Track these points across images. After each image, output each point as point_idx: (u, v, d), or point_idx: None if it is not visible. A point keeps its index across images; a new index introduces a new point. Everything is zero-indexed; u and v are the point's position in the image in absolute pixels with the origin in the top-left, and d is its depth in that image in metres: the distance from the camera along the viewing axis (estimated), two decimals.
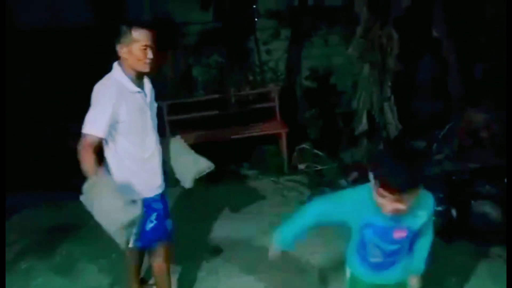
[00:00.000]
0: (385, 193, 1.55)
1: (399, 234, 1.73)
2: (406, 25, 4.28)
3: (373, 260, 1.83)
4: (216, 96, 5.19)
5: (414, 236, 1.80)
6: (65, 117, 4.87)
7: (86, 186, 2.01)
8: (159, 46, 2.23)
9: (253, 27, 5.49)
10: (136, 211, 2.00)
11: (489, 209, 3.24)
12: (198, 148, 2.60)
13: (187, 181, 2.44)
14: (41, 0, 5.03)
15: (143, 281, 2.79)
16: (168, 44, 5.07)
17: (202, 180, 4.22)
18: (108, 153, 2.19)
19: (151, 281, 2.79)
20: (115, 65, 2.19)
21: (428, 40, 4.69)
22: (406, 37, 4.26)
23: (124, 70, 2.16)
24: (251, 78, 5.59)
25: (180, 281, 2.85)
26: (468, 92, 4.49)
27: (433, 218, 1.83)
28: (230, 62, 5.44)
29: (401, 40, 4.23)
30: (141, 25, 2.15)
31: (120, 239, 2.07)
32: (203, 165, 2.49)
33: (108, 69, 2.21)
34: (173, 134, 4.51)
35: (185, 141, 2.60)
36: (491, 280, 2.74)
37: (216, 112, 5.02)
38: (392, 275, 1.87)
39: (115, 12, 5.09)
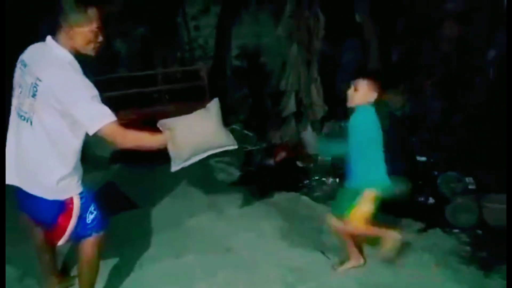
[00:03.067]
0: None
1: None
2: (331, 7, 4.37)
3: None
4: (142, 73, 4.93)
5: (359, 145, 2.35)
6: None
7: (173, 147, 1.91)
8: None
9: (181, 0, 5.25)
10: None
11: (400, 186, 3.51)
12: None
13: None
14: None
15: (64, 273, 2.61)
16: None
17: (127, 163, 4.13)
18: (63, 148, 1.94)
19: (73, 273, 2.62)
20: (58, 46, 1.90)
21: (352, 23, 4.86)
22: (331, 20, 4.36)
23: (68, 51, 1.91)
24: (179, 55, 5.39)
25: (103, 271, 2.69)
26: (385, 74, 4.75)
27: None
28: (156, 37, 5.17)
29: (327, 23, 4.32)
30: (93, 2, 1.90)
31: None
32: None
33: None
34: None
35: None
36: None
37: (143, 90, 4.77)
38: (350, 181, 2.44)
39: None
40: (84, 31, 1.90)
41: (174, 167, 2.00)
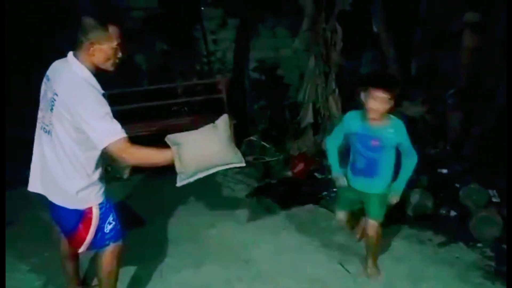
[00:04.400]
0: (378, 94, 2.32)
1: (374, 143, 2.45)
2: (349, 19, 4.39)
3: (358, 165, 2.56)
4: (162, 86, 5.02)
5: (386, 151, 2.46)
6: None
7: (179, 163, 1.92)
8: None
9: (199, 15, 5.36)
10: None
11: (422, 198, 3.46)
12: (141, 140, 2.49)
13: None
14: None
15: (84, 283, 2.66)
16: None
17: (148, 173, 4.20)
18: (82, 160, 2.00)
19: (94, 283, 2.67)
20: (77, 62, 1.96)
21: (369, 34, 4.86)
22: (349, 32, 4.38)
23: (86, 67, 1.97)
24: (198, 68, 5.48)
25: (124, 281, 2.73)
26: (404, 86, 4.72)
27: (408, 142, 2.44)
28: (175, 51, 5.28)
29: (344, 34, 4.34)
30: (113, 20, 1.97)
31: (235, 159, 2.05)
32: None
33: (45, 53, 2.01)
34: None
35: (128, 132, 2.48)
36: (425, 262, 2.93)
37: (162, 102, 4.86)
38: (372, 185, 2.56)
39: None
40: (104, 48, 1.95)
41: (180, 182, 1.96)
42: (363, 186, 2.61)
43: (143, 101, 4.75)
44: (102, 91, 1.99)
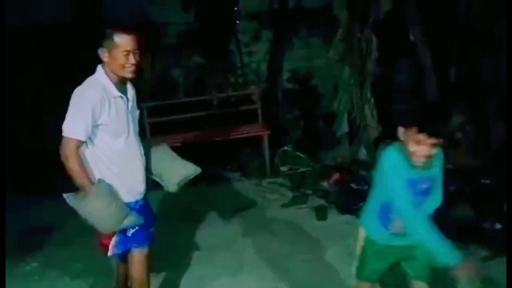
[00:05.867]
0: (422, 138, 1.80)
1: (424, 186, 1.94)
2: (384, 28, 4.35)
3: (392, 231, 1.97)
4: (198, 98, 5.16)
5: (435, 190, 1.97)
6: (42, 115, 4.76)
7: (78, 196, 2.04)
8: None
9: (234, 28, 5.48)
10: (130, 219, 2.10)
11: (463, 211, 3.33)
12: (178, 150, 2.58)
13: (171, 185, 2.40)
14: None
15: None
16: (147, 45, 5.01)
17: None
18: (89, 156, 2.14)
19: None
20: (99, 67, 2.15)
21: (405, 43, 4.78)
22: (384, 41, 4.34)
23: (107, 74, 2.13)
24: (232, 80, 5.59)
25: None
26: (443, 95, 4.60)
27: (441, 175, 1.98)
28: (211, 64, 5.42)
29: (379, 43, 4.30)
30: (124, 29, 2.10)
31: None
32: (190, 169, 2.46)
33: (84, 66, 2.16)
34: (154, 137, 4.56)
35: (166, 143, 2.58)
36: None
37: (198, 114, 4.99)
38: (408, 238, 1.96)
39: (92, 11, 5.01)
40: (113, 55, 2.09)
41: (69, 201, 2.08)
42: (398, 242, 2.02)
43: (180, 113, 4.90)
44: (118, 94, 2.13)
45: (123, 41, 2.08)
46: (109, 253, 2.22)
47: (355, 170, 4.26)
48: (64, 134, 2.04)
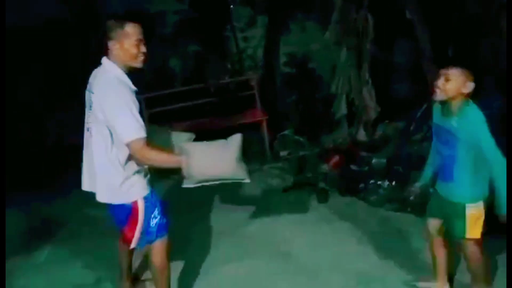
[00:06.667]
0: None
1: (446, 136, 2.13)
2: (380, 9, 4.31)
3: (438, 165, 2.24)
4: (195, 86, 5.14)
5: (463, 147, 2.07)
6: (42, 113, 4.76)
7: (186, 172, 2.03)
8: None
9: (229, 15, 5.44)
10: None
11: None
12: None
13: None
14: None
15: (135, 278, 2.78)
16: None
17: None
18: (114, 153, 2.10)
19: (143, 277, 2.79)
20: (109, 63, 2.09)
21: (403, 23, 4.74)
22: (381, 21, 4.30)
23: (120, 67, 2.10)
24: (229, 66, 5.57)
25: (176, 275, 2.82)
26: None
27: (487, 139, 2.01)
28: (207, 52, 5.39)
29: (376, 24, 4.27)
30: (130, 18, 2.08)
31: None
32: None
33: (80, 62, 2.14)
34: (153, 127, 4.55)
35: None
36: None
37: (196, 102, 4.98)
38: (449, 192, 2.19)
39: (86, 4, 4.96)
40: (125, 45, 2.06)
41: (185, 185, 2.12)
42: (442, 191, 2.24)
43: (178, 102, 4.89)
44: (134, 88, 2.11)
45: (134, 30, 2.06)
46: (132, 246, 2.24)
47: (355, 152, 4.28)
48: (128, 140, 1.99)
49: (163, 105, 4.86)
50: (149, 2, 5.14)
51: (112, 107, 2.00)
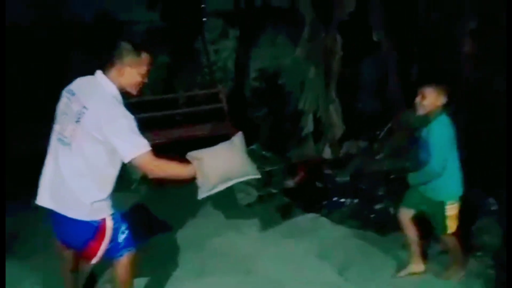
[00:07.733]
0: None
1: (424, 142, 2.51)
2: (348, 28, 4.44)
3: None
4: (164, 96, 5.10)
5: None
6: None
7: (201, 181, 2.06)
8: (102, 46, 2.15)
9: (200, 26, 5.44)
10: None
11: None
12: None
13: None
14: None
15: None
16: (111, 44, 4.89)
17: (149, 184, 4.23)
18: (107, 172, 2.07)
19: None
20: (106, 79, 2.07)
21: (370, 42, 4.90)
22: (349, 40, 4.42)
23: (117, 87, 2.08)
24: (199, 78, 5.55)
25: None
26: (406, 93, 4.74)
27: (434, 145, 2.42)
28: (178, 62, 5.36)
29: (344, 43, 4.38)
30: (147, 48, 2.08)
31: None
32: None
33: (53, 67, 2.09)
34: None
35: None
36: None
37: (164, 113, 4.93)
38: (432, 190, 2.53)
39: (55, 8, 4.85)
40: (134, 72, 2.06)
41: (201, 195, 2.12)
42: (421, 188, 2.61)
43: (146, 112, 4.81)
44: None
45: (148, 61, 2.08)
46: (94, 261, 2.17)
47: (320, 169, 4.34)
48: (134, 155, 1.98)
49: (131, 114, 4.76)
50: (117, 10, 5.07)
51: (114, 126, 1.98)
